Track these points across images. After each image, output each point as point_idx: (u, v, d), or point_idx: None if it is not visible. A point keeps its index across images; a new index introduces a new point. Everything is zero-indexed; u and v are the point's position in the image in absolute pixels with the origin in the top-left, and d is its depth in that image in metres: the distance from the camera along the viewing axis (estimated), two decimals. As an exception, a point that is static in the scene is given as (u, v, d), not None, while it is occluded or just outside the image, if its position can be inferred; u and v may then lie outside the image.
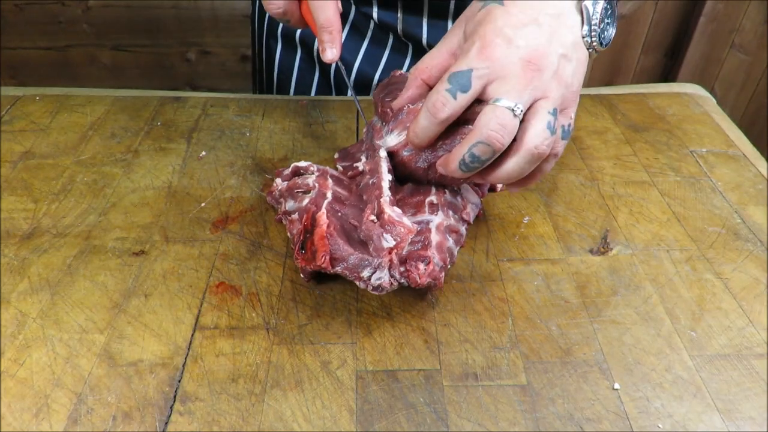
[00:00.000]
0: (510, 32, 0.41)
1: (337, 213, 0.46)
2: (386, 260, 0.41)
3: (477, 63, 0.41)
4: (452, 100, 0.41)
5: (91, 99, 0.68)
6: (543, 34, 0.42)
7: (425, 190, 0.49)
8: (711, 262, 0.48)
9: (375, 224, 0.42)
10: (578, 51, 0.43)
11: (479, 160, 0.41)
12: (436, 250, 0.44)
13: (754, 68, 1.67)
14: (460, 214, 0.49)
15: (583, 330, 0.43)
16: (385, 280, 0.41)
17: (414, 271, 0.41)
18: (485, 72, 0.41)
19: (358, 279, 0.42)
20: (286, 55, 0.78)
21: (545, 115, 0.41)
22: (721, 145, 0.62)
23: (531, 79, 0.41)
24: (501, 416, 0.37)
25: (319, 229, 0.42)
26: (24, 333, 0.42)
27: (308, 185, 0.49)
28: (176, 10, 1.73)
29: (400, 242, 0.41)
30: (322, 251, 0.41)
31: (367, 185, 0.48)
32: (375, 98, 0.57)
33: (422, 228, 0.45)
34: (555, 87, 0.41)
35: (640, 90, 0.72)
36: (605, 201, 0.55)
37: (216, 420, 0.37)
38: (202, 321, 0.43)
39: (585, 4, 0.43)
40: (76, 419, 0.37)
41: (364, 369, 0.40)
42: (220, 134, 0.63)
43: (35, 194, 0.54)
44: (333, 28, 0.48)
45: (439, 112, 0.42)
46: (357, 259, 0.41)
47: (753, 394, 0.39)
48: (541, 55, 0.41)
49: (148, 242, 0.49)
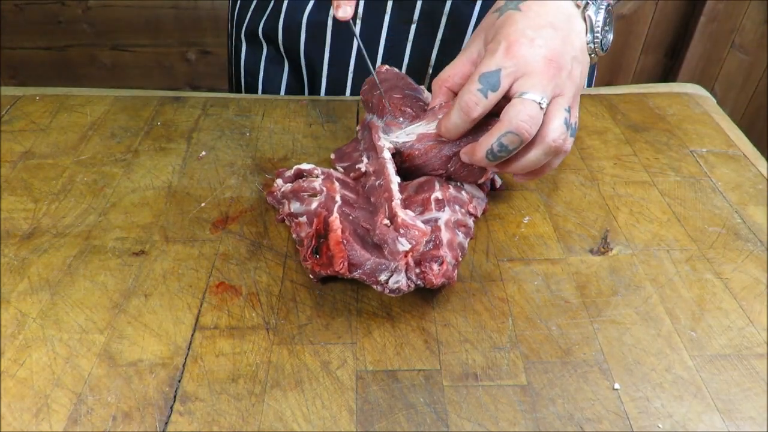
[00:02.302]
0: (531, 33, 0.44)
1: (348, 217, 0.46)
2: (402, 263, 0.41)
3: (505, 62, 0.44)
4: (483, 99, 0.44)
5: (91, 99, 0.68)
6: (558, 36, 0.45)
7: (429, 187, 0.49)
8: (711, 262, 0.48)
9: (389, 228, 0.42)
10: (584, 55, 0.47)
11: (507, 150, 0.44)
12: (447, 248, 0.44)
13: (754, 68, 1.67)
14: (467, 208, 0.49)
15: (583, 330, 0.43)
16: (402, 282, 0.42)
17: (429, 272, 0.42)
18: (512, 70, 0.44)
19: (376, 283, 0.42)
20: (251, 54, 0.77)
21: (562, 111, 0.44)
22: (721, 145, 0.62)
23: (553, 76, 0.44)
24: (501, 416, 0.37)
25: (334, 235, 0.42)
26: (24, 333, 0.42)
27: (315, 189, 0.49)
28: (176, 10, 1.73)
29: (415, 245, 0.41)
30: (339, 257, 0.41)
31: (374, 187, 0.48)
32: (366, 95, 0.56)
33: (432, 226, 0.46)
34: (569, 86, 0.45)
35: (640, 90, 0.72)
36: (605, 201, 0.55)
37: (216, 420, 0.37)
38: (202, 321, 0.43)
39: (588, 13, 0.47)
40: (76, 419, 0.37)
41: (364, 369, 0.40)
42: (220, 134, 0.63)
43: (35, 194, 0.54)
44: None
45: (472, 111, 0.45)
46: (374, 264, 0.41)
47: (753, 394, 0.39)
48: (559, 54, 0.45)
49: (148, 242, 0.49)
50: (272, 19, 0.73)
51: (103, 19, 1.74)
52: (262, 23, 0.74)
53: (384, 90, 0.54)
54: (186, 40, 1.79)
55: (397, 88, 0.55)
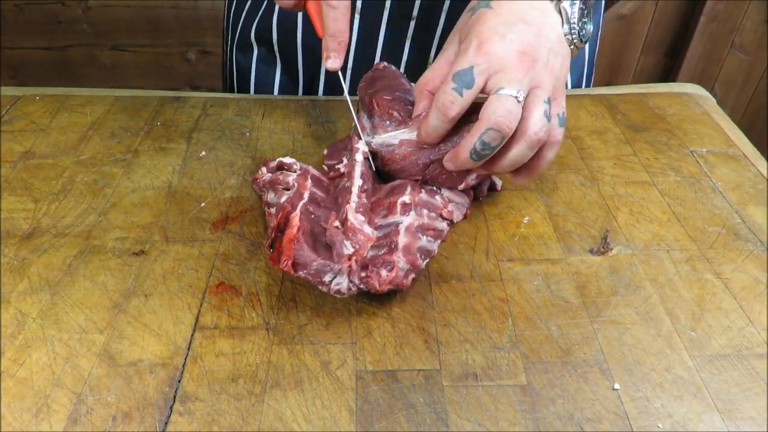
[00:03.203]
0: (503, 29, 0.45)
1: (310, 215, 0.46)
2: (346, 266, 0.41)
3: (477, 59, 0.44)
4: (459, 98, 0.44)
5: (91, 99, 0.68)
6: (531, 30, 0.45)
7: (400, 191, 0.49)
8: (711, 262, 0.48)
9: (339, 230, 0.43)
10: (563, 47, 0.47)
11: (490, 147, 0.44)
12: (402, 252, 0.44)
13: (754, 68, 1.67)
14: (439, 213, 0.49)
15: (583, 330, 0.43)
16: (344, 285, 0.42)
17: (374, 277, 0.42)
18: (485, 66, 0.44)
19: (320, 284, 0.42)
20: (242, 56, 0.77)
21: (541, 104, 0.44)
22: (721, 145, 0.62)
23: (527, 69, 0.44)
24: (501, 416, 0.37)
25: (288, 231, 0.43)
26: (24, 333, 0.42)
27: (288, 183, 0.49)
28: (176, 10, 1.73)
29: (358, 249, 0.42)
30: (285, 256, 0.42)
31: (343, 188, 0.48)
32: (361, 92, 0.56)
33: (390, 231, 0.45)
34: (547, 78, 0.45)
35: (640, 90, 0.72)
36: (605, 201, 0.55)
37: (216, 420, 0.37)
38: (202, 321, 0.43)
39: (563, 5, 0.47)
40: (76, 419, 0.37)
41: (364, 369, 0.40)
42: (220, 134, 0.63)
43: (35, 194, 0.54)
44: (343, 39, 0.49)
45: (449, 110, 0.45)
46: (319, 265, 0.42)
47: (753, 394, 0.39)
48: (533, 47, 0.45)
49: (148, 242, 0.49)
50: (265, 18, 0.73)
51: (103, 19, 1.74)
52: (255, 24, 0.74)
53: (376, 90, 0.54)
54: (186, 40, 1.79)
55: (389, 88, 0.54)
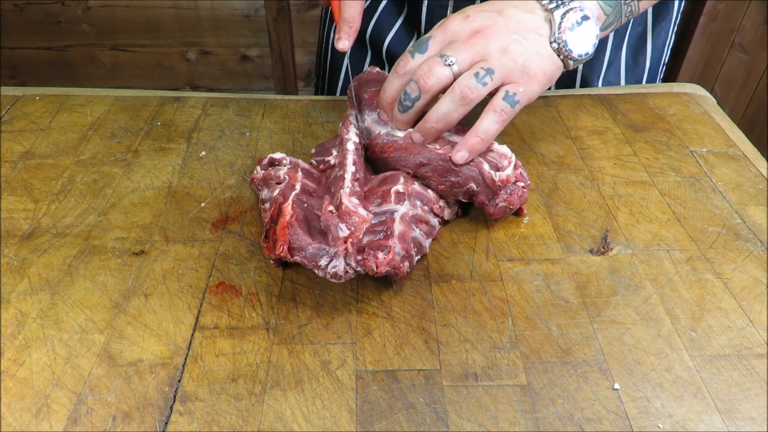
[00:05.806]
0: (471, 12, 0.50)
1: (303, 204, 0.47)
2: (342, 249, 0.42)
3: (436, 32, 0.51)
4: (411, 60, 0.50)
5: (91, 99, 0.68)
6: (501, 20, 0.50)
7: (393, 180, 0.49)
8: (711, 262, 0.48)
9: (333, 214, 0.43)
10: (539, 45, 0.50)
11: (410, 98, 0.49)
12: (398, 239, 0.44)
13: (754, 68, 1.67)
14: (431, 207, 0.49)
15: (583, 330, 0.43)
16: (340, 268, 0.42)
17: (371, 259, 0.42)
18: (441, 38, 0.50)
19: (317, 267, 0.43)
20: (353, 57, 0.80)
21: (477, 68, 0.48)
22: (721, 145, 0.62)
23: (473, 44, 0.49)
24: (501, 416, 0.37)
25: (282, 219, 0.44)
26: (24, 333, 0.42)
27: (279, 177, 0.50)
28: (176, 10, 1.73)
29: (354, 231, 0.42)
30: (281, 241, 0.43)
31: (336, 177, 0.49)
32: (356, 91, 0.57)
33: (386, 218, 0.46)
34: (498, 56, 0.48)
35: (640, 90, 0.72)
36: (605, 201, 0.55)
37: (216, 420, 0.37)
38: (202, 321, 0.43)
39: (554, 15, 0.50)
40: (75, 419, 0.37)
41: (364, 369, 0.40)
42: (220, 134, 0.63)
43: (35, 194, 0.54)
44: (354, 24, 0.56)
45: (399, 67, 0.51)
46: (315, 249, 0.42)
47: (753, 394, 0.39)
48: (492, 31, 0.49)
49: (148, 242, 0.49)
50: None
51: (103, 19, 1.74)
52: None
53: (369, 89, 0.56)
54: (186, 40, 1.79)
55: None
